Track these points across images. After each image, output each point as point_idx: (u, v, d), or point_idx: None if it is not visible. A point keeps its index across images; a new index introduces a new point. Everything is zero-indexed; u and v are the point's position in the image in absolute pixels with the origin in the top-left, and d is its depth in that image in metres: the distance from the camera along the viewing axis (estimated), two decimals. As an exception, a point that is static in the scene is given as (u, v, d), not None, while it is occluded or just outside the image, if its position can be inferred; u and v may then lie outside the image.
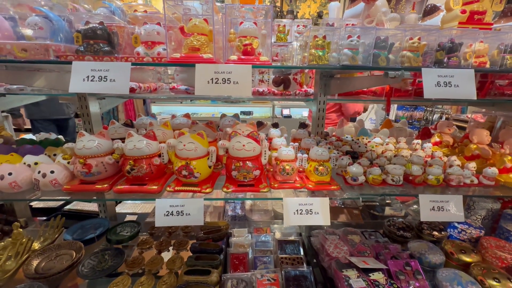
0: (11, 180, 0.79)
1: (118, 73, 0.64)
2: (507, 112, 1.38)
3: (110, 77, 0.64)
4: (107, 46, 0.79)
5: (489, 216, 1.32)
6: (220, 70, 0.65)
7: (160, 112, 5.26)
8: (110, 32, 0.81)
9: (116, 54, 0.79)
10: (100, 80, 0.63)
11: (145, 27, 0.79)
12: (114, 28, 0.84)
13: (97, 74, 0.64)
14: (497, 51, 0.79)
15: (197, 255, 1.19)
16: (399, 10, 4.78)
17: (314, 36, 0.75)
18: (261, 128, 1.61)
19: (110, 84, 0.63)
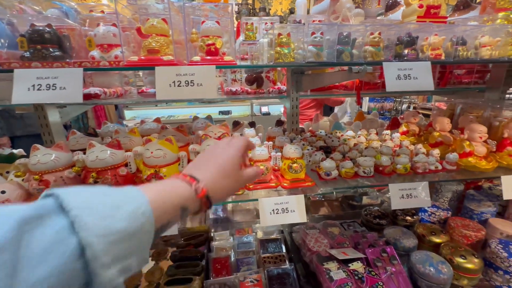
0: (-46, 205, 0.70)
1: (69, 79, 0.59)
2: (465, 99, 1.48)
3: (60, 85, 0.58)
4: (58, 50, 0.73)
5: (455, 198, 1.41)
6: (182, 72, 0.62)
7: (134, 117, 5.04)
8: (60, 35, 0.74)
9: (68, 59, 0.73)
10: (48, 88, 0.58)
11: (99, 28, 0.73)
12: (64, 31, 0.77)
13: (45, 82, 0.58)
14: (450, 43, 0.83)
15: (178, 264, 1.15)
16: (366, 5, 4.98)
17: (279, 33, 0.74)
18: (238, 128, 1.59)
19: (60, 93, 0.58)
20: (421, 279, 1.00)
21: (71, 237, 0.26)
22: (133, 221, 0.31)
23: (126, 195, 0.33)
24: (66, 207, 0.28)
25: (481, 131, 1.00)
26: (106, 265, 0.28)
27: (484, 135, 1.00)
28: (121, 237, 0.29)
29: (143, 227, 0.32)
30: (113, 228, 0.29)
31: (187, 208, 0.41)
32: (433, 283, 0.97)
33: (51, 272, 0.25)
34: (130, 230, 0.30)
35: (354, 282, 0.95)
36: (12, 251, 0.24)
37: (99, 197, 0.31)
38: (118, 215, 0.30)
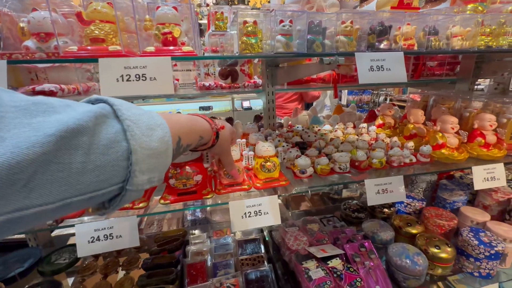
0: None
1: (-11, 75, 0.49)
2: (437, 90, 1.51)
3: (-22, 81, 0.48)
4: (-17, 40, 0.62)
5: (429, 188, 1.44)
6: (132, 65, 0.54)
7: (108, 115, 4.76)
8: (-15, 22, 0.63)
9: (-4, 50, 0.62)
10: (-38, 85, 0.47)
11: (34, 14, 0.63)
12: (-8, 17, 0.66)
13: (-44, 78, 0.48)
14: (422, 33, 0.81)
15: (150, 272, 1.07)
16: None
17: (244, 21, 0.68)
18: (213, 125, 1.51)
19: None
20: (398, 271, 1.01)
21: (123, 141, 0.32)
22: (161, 145, 0.37)
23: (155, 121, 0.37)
24: (121, 116, 0.33)
25: (453, 122, 1.01)
26: (141, 171, 0.34)
27: (456, 126, 1.01)
28: (153, 153, 0.35)
29: (165, 152, 0.38)
30: (150, 145, 0.35)
31: (203, 138, 0.54)
32: (410, 275, 0.98)
33: (108, 163, 0.31)
34: (159, 151, 0.36)
35: (333, 280, 0.93)
36: (89, 136, 0.29)
37: (141, 116, 0.36)
38: (153, 136, 0.36)
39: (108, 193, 0.32)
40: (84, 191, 0.29)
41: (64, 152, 0.27)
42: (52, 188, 0.27)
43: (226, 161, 0.72)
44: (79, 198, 0.29)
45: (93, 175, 0.29)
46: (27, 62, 0.62)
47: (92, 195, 0.30)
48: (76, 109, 0.30)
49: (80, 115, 0.29)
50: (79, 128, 0.28)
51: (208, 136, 0.56)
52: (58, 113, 0.28)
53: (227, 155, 0.70)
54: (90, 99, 0.36)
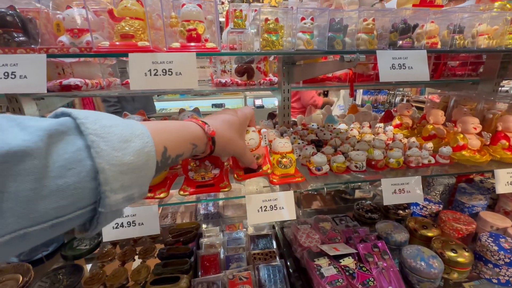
0: None
1: (31, 67, 0.53)
2: (459, 91, 1.46)
3: (20, 73, 0.52)
4: (22, 35, 0.66)
5: (447, 191, 1.40)
6: (159, 60, 0.57)
7: (124, 110, 4.90)
8: (25, 18, 0.67)
9: (34, 45, 0.66)
10: (7, 77, 0.51)
11: (69, 11, 0.66)
12: (30, 14, 0.70)
13: (2, 70, 0.52)
14: (447, 31, 0.79)
15: (165, 262, 1.11)
16: (361, -4, 4.87)
17: (266, 19, 0.69)
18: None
19: (21, 82, 0.52)
20: (412, 273, 0.99)
21: (87, 159, 0.29)
22: (139, 157, 0.33)
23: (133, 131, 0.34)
24: (84, 131, 0.30)
25: (474, 122, 0.98)
26: (114, 190, 0.31)
27: (478, 126, 0.98)
28: (128, 169, 0.32)
29: (147, 164, 0.35)
30: (123, 160, 0.31)
31: (196, 145, 0.48)
32: (424, 278, 0.96)
33: (69, 186, 0.27)
34: (136, 165, 0.33)
35: (345, 278, 0.93)
36: (41, 158, 0.26)
37: (112, 128, 0.32)
38: (127, 150, 0.32)
39: (78, 217, 0.29)
40: (41, 220, 0.26)
41: (7, 180, 0.23)
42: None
43: (241, 160, 0.66)
44: (36, 227, 0.26)
45: (50, 201, 0.26)
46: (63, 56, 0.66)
47: (55, 222, 0.27)
48: (27, 128, 0.26)
49: (28, 136, 0.25)
50: (26, 151, 0.24)
51: (203, 142, 0.49)
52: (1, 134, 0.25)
53: (239, 155, 0.62)
54: (56, 113, 0.33)
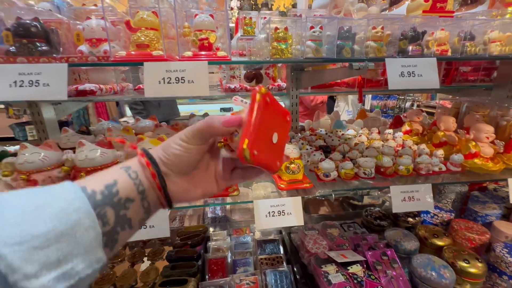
0: None
1: (53, 75, 0.56)
2: (471, 97, 1.43)
3: (43, 81, 0.55)
4: (45, 45, 0.70)
5: (458, 199, 1.37)
6: (173, 68, 0.59)
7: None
8: (47, 29, 0.71)
9: (55, 54, 0.70)
10: (31, 85, 0.55)
11: (88, 22, 0.70)
12: (52, 25, 0.74)
13: (27, 79, 0.55)
14: (457, 38, 0.79)
15: (173, 264, 1.13)
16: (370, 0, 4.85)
17: (276, 28, 0.71)
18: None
19: (44, 89, 0.55)
20: (422, 283, 0.97)
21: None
22: (61, 220, 0.26)
23: (54, 194, 0.28)
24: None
25: (488, 131, 0.96)
26: (32, 275, 0.23)
27: (491, 135, 0.96)
28: (46, 240, 0.25)
29: (79, 224, 0.27)
30: (33, 232, 0.24)
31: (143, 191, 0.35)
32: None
33: None
34: (59, 231, 0.26)
35: (353, 286, 0.92)
36: None
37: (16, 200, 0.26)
38: (40, 217, 0.25)
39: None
40: None
41: None
42: None
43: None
44: None
45: None
46: (83, 65, 0.70)
47: None
48: None
49: None
50: None
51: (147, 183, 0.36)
52: None
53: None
54: None
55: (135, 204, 0.34)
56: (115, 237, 0.32)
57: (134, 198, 0.34)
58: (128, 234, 0.35)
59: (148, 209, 0.37)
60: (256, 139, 0.35)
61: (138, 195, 0.35)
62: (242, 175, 0.43)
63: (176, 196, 0.38)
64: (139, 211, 0.35)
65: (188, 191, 0.39)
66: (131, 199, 0.34)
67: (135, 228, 0.36)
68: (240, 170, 0.42)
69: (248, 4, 5.52)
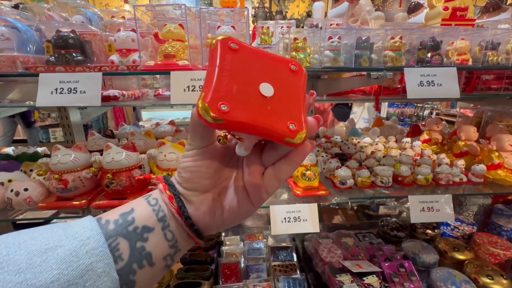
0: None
1: (89, 84, 0.61)
2: (494, 106, 1.39)
3: (80, 89, 0.60)
4: (80, 55, 0.76)
5: (481, 212, 1.31)
6: (197, 77, 0.63)
7: (150, 118, 5.18)
8: (82, 40, 0.78)
9: (89, 63, 0.75)
10: (70, 92, 0.60)
11: (119, 34, 0.75)
12: (87, 36, 0.81)
13: (66, 86, 0.60)
14: (478, 48, 0.78)
15: (187, 267, 1.15)
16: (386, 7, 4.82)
17: (294, 38, 0.73)
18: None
19: (80, 96, 0.60)
20: (442, 298, 0.94)
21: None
22: (70, 267, 0.23)
23: (65, 232, 0.25)
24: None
25: (510, 140, 0.93)
26: None
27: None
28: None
29: (91, 270, 0.23)
30: (35, 283, 0.21)
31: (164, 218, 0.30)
32: (456, 304, 0.91)
33: None
34: (65, 280, 0.22)
35: (369, 297, 0.90)
36: None
37: (23, 243, 0.23)
38: (47, 263, 0.22)
39: None
40: None
41: None
42: None
43: None
44: None
45: None
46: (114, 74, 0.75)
47: None
48: None
49: None
50: None
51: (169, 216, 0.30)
52: None
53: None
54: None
55: (155, 235, 0.29)
56: (130, 277, 0.27)
57: (153, 227, 0.29)
58: (150, 275, 0.28)
59: (174, 242, 0.30)
60: (219, 90, 0.24)
61: (158, 223, 0.29)
62: (274, 173, 0.30)
63: (202, 221, 0.31)
64: (162, 244, 0.29)
65: (214, 212, 0.31)
66: (149, 227, 0.29)
67: (158, 266, 0.29)
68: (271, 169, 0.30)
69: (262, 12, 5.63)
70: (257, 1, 5.52)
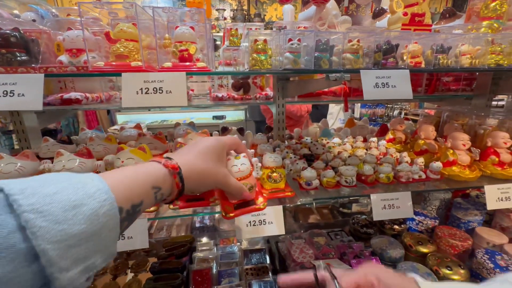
0: None
1: (29, 86, 0.56)
2: (452, 106, 1.48)
3: (18, 91, 0.55)
4: (25, 55, 0.70)
5: (443, 206, 1.39)
6: (151, 79, 0.60)
7: (126, 121, 4.98)
8: (28, 39, 0.72)
9: (35, 64, 0.70)
10: (5, 95, 0.54)
11: (68, 33, 0.71)
12: (33, 35, 0.75)
13: (2, 89, 0.55)
14: (430, 51, 0.82)
15: (156, 276, 1.11)
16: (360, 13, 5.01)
17: (255, 40, 0.73)
18: (226, 134, 1.56)
19: (18, 100, 0.55)
20: (406, 291, 0.97)
21: (21, 243, 0.25)
22: (93, 223, 0.29)
23: (85, 191, 0.30)
24: (17, 209, 0.25)
25: (464, 139, 0.99)
26: (64, 268, 0.27)
27: (467, 142, 0.99)
28: (79, 240, 0.28)
29: (106, 226, 0.31)
30: (71, 232, 0.27)
31: (160, 188, 0.40)
32: (418, 296, 0.94)
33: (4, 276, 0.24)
34: (90, 232, 0.29)
35: (337, 295, 0.92)
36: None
37: (56, 195, 0.28)
38: (76, 218, 0.28)
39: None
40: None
41: None
42: None
43: (227, 191, 0.54)
44: None
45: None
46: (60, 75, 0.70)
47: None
48: None
49: None
50: None
51: (167, 183, 0.41)
52: None
53: (222, 186, 0.51)
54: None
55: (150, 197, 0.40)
56: (123, 227, 0.37)
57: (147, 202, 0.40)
58: None
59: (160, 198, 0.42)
60: None
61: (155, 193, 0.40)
62: None
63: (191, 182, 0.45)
64: (151, 204, 0.41)
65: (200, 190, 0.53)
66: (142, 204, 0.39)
67: None
68: None
69: (241, 15, 5.63)
70: (236, 4, 5.51)
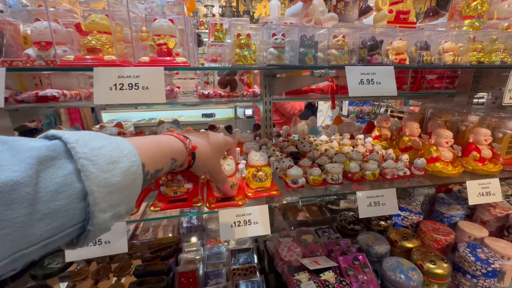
0: None
1: (-12, 81, 0.51)
2: (436, 103, 1.51)
3: (-24, 87, 0.50)
4: (-13, 48, 0.64)
5: (427, 201, 1.42)
6: (125, 74, 0.56)
7: (112, 120, 4.83)
8: (-10, 31, 0.66)
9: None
10: (-39, 91, 0.50)
11: (36, 24, 0.66)
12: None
13: (-44, 84, 0.50)
14: (414, 48, 0.83)
15: (140, 280, 1.07)
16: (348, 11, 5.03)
17: (238, 34, 0.70)
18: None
19: (-24, 96, 0.50)
20: (392, 286, 0.98)
21: (76, 182, 0.31)
22: (126, 177, 0.35)
23: (121, 151, 0.36)
24: (75, 155, 0.31)
25: (447, 136, 1.00)
26: (102, 210, 0.33)
27: (450, 140, 1.00)
28: (116, 189, 0.34)
29: (134, 183, 0.37)
30: (111, 181, 0.33)
31: (176, 160, 0.50)
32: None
33: (60, 208, 0.29)
34: (123, 184, 0.35)
35: (324, 293, 0.91)
36: (32, 185, 0.27)
37: (101, 150, 0.34)
38: (115, 171, 0.34)
39: (68, 235, 0.31)
40: (36, 241, 0.28)
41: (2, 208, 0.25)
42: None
43: (215, 177, 0.67)
44: (31, 249, 0.28)
45: (44, 224, 0.28)
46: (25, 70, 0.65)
47: (47, 242, 0.29)
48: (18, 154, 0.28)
49: (18, 165, 0.27)
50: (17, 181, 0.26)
51: (183, 157, 0.51)
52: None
53: (215, 172, 0.65)
54: (47, 135, 0.34)
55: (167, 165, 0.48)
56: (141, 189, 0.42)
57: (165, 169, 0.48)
58: None
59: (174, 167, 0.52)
60: None
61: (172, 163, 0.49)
62: None
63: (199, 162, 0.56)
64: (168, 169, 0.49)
65: None
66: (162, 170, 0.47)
67: None
68: None
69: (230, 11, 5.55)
70: (224, 0, 5.43)
